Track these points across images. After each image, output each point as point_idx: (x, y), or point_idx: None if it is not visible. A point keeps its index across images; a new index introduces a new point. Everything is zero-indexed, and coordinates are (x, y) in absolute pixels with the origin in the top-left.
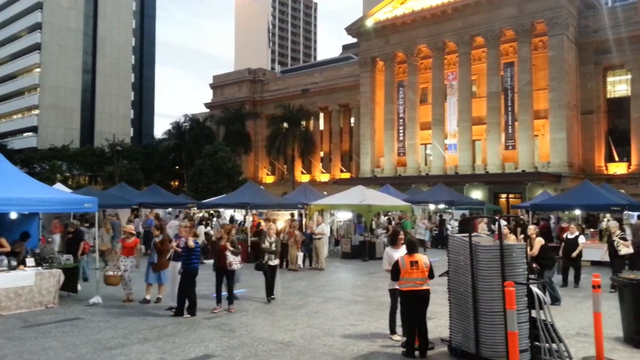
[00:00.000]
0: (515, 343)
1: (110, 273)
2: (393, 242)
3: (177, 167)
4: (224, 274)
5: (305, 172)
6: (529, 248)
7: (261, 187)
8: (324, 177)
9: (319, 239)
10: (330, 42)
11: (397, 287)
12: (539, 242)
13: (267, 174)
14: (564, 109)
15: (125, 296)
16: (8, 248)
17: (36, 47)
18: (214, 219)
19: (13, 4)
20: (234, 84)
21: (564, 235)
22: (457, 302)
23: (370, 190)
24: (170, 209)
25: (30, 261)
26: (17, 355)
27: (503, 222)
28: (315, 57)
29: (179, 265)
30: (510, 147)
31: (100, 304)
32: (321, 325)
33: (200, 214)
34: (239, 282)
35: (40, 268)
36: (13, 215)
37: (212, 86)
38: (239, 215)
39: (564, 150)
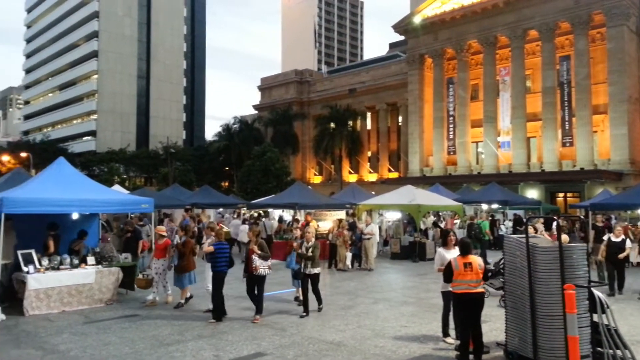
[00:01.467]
0: (576, 348)
1: (140, 276)
2: (445, 242)
3: (227, 168)
4: (252, 280)
5: (352, 172)
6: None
7: (309, 187)
8: (372, 177)
9: (368, 239)
10: (377, 41)
11: (450, 289)
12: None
13: (315, 174)
14: (624, 103)
15: (151, 299)
16: (52, 249)
17: (94, 54)
18: (263, 219)
19: (72, 14)
20: (281, 86)
21: (608, 237)
22: (513, 305)
23: (419, 189)
24: (220, 209)
25: (90, 260)
26: (81, 350)
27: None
28: (361, 57)
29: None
30: (567, 144)
31: (157, 301)
32: (372, 326)
33: (245, 214)
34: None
35: (100, 266)
36: (75, 216)
37: (260, 88)
38: (287, 215)
39: (625, 146)
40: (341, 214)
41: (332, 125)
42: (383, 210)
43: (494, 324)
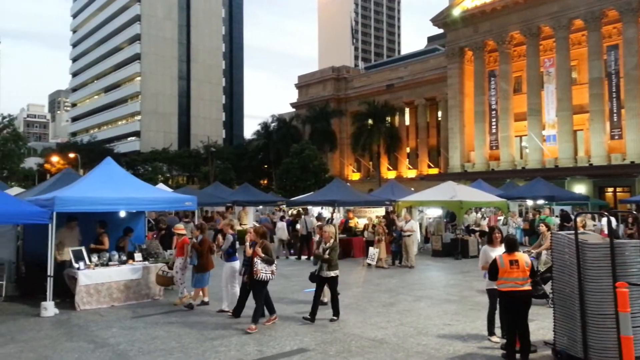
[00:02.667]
0: (630, 348)
1: (160, 273)
2: (490, 240)
3: (265, 166)
4: (253, 284)
5: (391, 168)
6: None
7: (347, 184)
8: (411, 173)
9: (409, 236)
10: (414, 35)
11: (495, 286)
12: None
13: (353, 171)
14: None
15: (178, 299)
16: (107, 246)
17: (136, 57)
18: (303, 216)
19: (115, 18)
20: (318, 83)
21: None
22: (562, 304)
23: (460, 185)
24: (260, 207)
25: (138, 256)
26: (129, 344)
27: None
28: (399, 52)
29: (236, 265)
30: (616, 137)
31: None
32: (414, 324)
33: (280, 212)
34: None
35: (147, 262)
36: (122, 214)
37: (297, 86)
38: (326, 212)
39: None
40: (380, 211)
41: (370, 121)
42: (423, 207)
43: (541, 323)
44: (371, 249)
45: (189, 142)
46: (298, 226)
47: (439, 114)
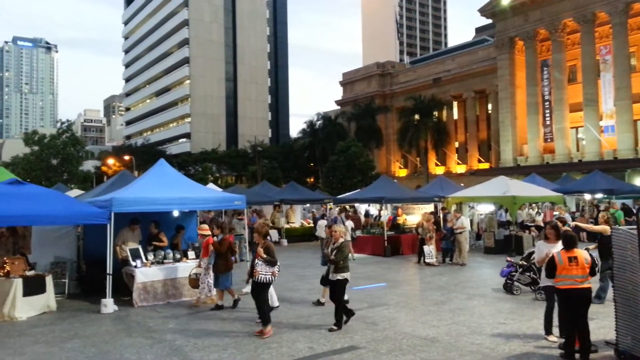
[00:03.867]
0: None
1: (192, 276)
2: (547, 236)
3: (311, 164)
4: (254, 286)
5: (439, 164)
6: None
7: (394, 181)
8: (460, 169)
9: (460, 233)
10: (461, 27)
11: (552, 284)
12: (603, 229)
13: (400, 168)
14: None
15: (196, 299)
16: (166, 242)
17: (185, 61)
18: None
19: (164, 24)
20: (363, 80)
21: None
22: (624, 302)
23: (513, 180)
24: (307, 205)
25: (191, 254)
26: (185, 339)
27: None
28: (445, 44)
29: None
30: None
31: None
32: (467, 323)
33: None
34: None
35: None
36: (175, 213)
37: (342, 83)
38: (373, 209)
39: None
40: (429, 208)
41: (417, 116)
42: (474, 203)
43: (601, 322)
44: (426, 248)
45: (236, 142)
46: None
47: (489, 106)
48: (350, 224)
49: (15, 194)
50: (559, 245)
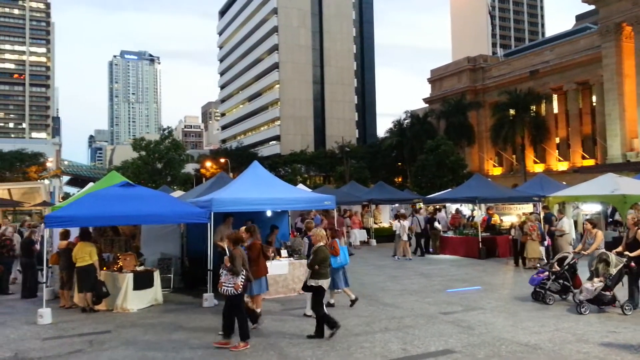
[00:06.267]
0: None
1: None
2: None
3: (399, 164)
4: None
5: (538, 161)
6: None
7: (488, 179)
8: (562, 166)
9: (560, 236)
10: (560, 16)
11: None
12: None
13: (494, 166)
14: None
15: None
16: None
17: (275, 66)
18: (415, 214)
19: (255, 32)
20: (452, 75)
21: None
22: None
23: (623, 177)
24: (396, 204)
25: (283, 253)
26: (280, 336)
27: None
28: (543, 34)
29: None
30: None
31: (340, 292)
32: (572, 330)
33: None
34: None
35: (292, 259)
36: (268, 213)
37: (430, 80)
38: (465, 209)
39: None
40: (528, 208)
41: (512, 111)
42: (578, 203)
43: None
44: (542, 248)
45: (324, 143)
46: (436, 224)
47: (593, 98)
48: (407, 223)
49: (127, 195)
50: None
